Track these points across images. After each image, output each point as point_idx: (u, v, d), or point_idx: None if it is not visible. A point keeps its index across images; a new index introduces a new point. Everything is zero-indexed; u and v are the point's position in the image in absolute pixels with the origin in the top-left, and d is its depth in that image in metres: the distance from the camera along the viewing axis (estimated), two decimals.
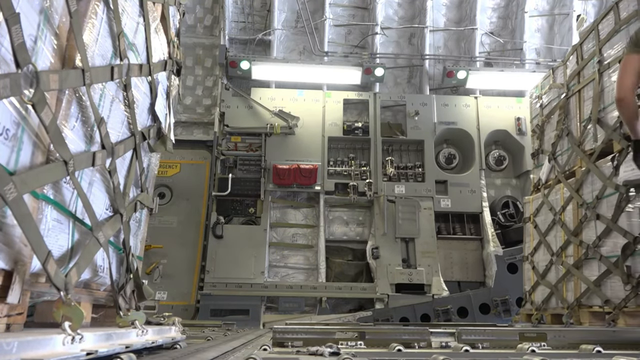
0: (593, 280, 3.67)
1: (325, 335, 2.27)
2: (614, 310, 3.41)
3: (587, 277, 3.77)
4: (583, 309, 3.82)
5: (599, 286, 3.60)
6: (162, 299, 6.48)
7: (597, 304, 3.60)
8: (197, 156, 7.38)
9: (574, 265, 3.95)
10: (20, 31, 1.11)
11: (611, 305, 3.45)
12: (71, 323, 1.24)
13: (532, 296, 4.75)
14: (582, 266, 3.87)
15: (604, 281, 3.57)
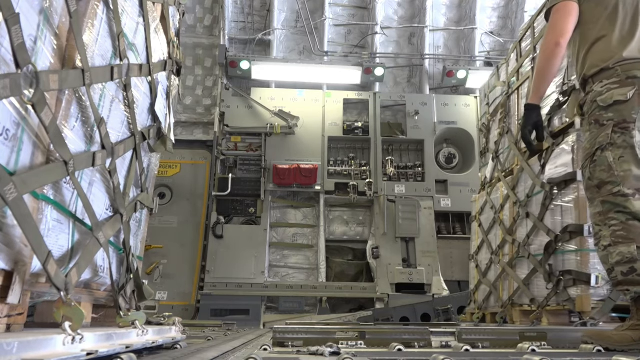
0: (523, 279, 3.67)
1: (326, 335, 2.27)
2: (538, 309, 3.42)
3: (518, 275, 3.78)
4: (515, 308, 3.83)
5: (528, 285, 3.60)
6: (162, 299, 6.48)
7: (527, 302, 3.62)
8: (197, 156, 7.38)
9: (508, 264, 3.96)
10: (20, 31, 1.11)
11: (536, 304, 3.46)
12: (71, 323, 1.24)
13: (476, 295, 4.77)
14: (516, 265, 3.88)
15: (532, 280, 3.58)
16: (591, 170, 2.20)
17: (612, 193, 2.12)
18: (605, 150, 2.15)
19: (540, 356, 1.62)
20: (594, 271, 2.91)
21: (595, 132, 2.20)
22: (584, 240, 2.99)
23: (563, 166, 3.28)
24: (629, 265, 2.04)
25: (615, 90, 2.17)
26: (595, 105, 2.22)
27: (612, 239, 2.10)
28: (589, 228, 2.96)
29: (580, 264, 2.99)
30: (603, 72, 2.26)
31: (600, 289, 2.90)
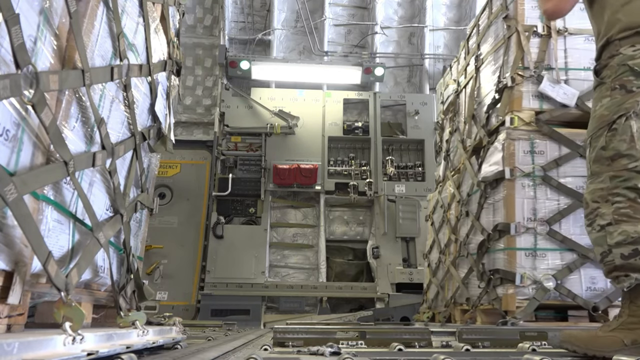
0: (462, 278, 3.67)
1: (326, 335, 2.27)
2: (472, 308, 3.42)
3: (459, 275, 3.78)
4: (457, 307, 3.83)
5: (466, 284, 3.60)
6: (162, 299, 6.48)
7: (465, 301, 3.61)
8: (197, 156, 7.38)
9: (452, 263, 3.96)
10: (20, 32, 1.11)
11: (470, 303, 3.46)
12: (72, 323, 1.24)
13: (427, 294, 4.78)
14: (458, 264, 3.88)
15: (469, 279, 3.58)
16: (607, 139, 1.93)
17: (627, 168, 1.87)
18: (630, 118, 1.91)
19: (540, 356, 1.62)
20: (519, 270, 2.89)
21: (619, 98, 1.94)
22: (511, 239, 2.97)
23: (495, 164, 3.26)
24: (632, 247, 1.77)
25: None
26: (625, 69, 1.96)
27: (615, 217, 1.84)
28: (515, 227, 2.94)
29: (507, 262, 2.96)
30: (635, 36, 2.00)
31: (526, 289, 2.87)
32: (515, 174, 3.03)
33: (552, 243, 2.96)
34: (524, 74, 3.18)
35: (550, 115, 3.11)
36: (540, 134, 3.10)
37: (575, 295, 2.86)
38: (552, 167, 3.05)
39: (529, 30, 3.27)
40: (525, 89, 3.17)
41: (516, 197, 3.02)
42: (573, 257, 2.93)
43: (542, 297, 2.82)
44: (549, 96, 3.11)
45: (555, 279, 2.86)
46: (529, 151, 3.09)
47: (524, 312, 2.81)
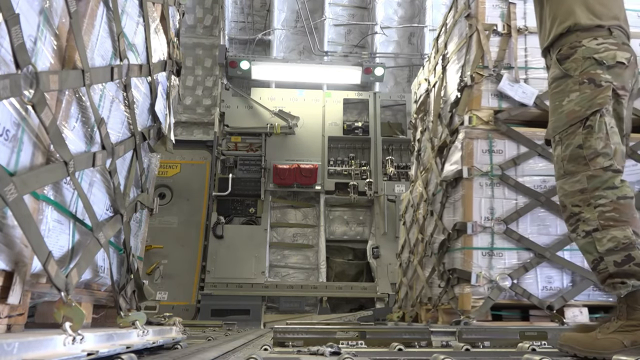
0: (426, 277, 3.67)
1: (326, 335, 2.27)
2: (433, 307, 3.41)
3: (425, 274, 3.79)
4: (422, 307, 3.83)
5: (430, 284, 3.60)
6: (162, 299, 6.48)
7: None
8: (197, 156, 7.38)
9: (419, 263, 3.96)
10: (20, 32, 1.11)
11: (432, 302, 3.46)
12: (72, 323, 1.24)
13: (399, 294, 4.79)
14: (425, 263, 3.88)
15: (433, 278, 3.58)
16: (584, 137, 1.85)
17: (604, 167, 1.81)
18: (604, 115, 1.85)
19: (540, 355, 1.62)
20: (475, 269, 2.88)
21: (589, 93, 1.87)
22: (468, 238, 2.96)
23: (455, 163, 3.27)
24: (624, 253, 1.71)
25: (618, 52, 1.91)
26: (591, 62, 1.91)
27: (600, 222, 1.76)
28: (472, 226, 2.94)
29: (464, 262, 2.96)
30: (597, 29, 1.98)
31: (481, 288, 2.86)
32: (473, 173, 3.02)
33: (508, 242, 2.95)
34: (483, 73, 3.17)
35: (509, 114, 3.09)
36: (498, 133, 3.09)
37: (531, 294, 2.84)
38: (510, 166, 3.03)
39: (489, 29, 3.26)
40: (484, 88, 3.17)
41: (474, 197, 3.02)
42: (529, 257, 2.92)
43: (497, 297, 2.81)
44: (508, 95, 3.10)
45: (510, 278, 2.84)
46: (488, 150, 3.08)
47: (478, 311, 2.79)
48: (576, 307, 2.87)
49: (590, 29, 1.98)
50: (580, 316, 2.85)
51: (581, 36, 1.98)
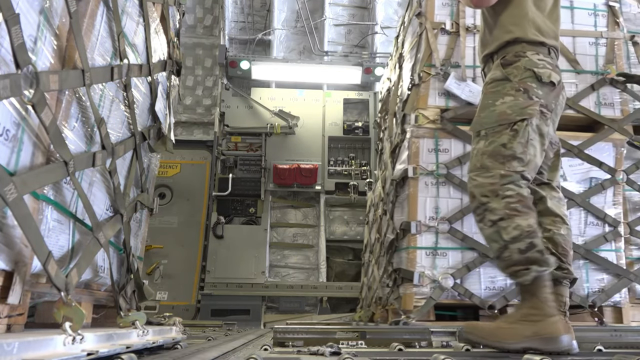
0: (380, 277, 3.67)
1: (326, 335, 2.27)
2: (382, 307, 3.40)
3: (379, 274, 3.77)
4: (378, 307, 3.83)
5: (382, 283, 3.59)
6: (162, 299, 6.48)
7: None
8: (197, 156, 7.38)
9: (375, 262, 3.96)
10: (20, 32, 1.11)
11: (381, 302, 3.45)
12: (72, 323, 1.24)
13: (361, 294, 4.79)
14: (380, 263, 3.87)
15: (384, 278, 3.57)
16: (509, 138, 1.98)
17: (516, 170, 1.94)
18: (529, 124, 1.99)
19: (541, 356, 1.62)
20: (419, 269, 2.86)
21: (521, 101, 2.01)
22: (412, 237, 2.95)
23: (403, 162, 3.26)
24: (528, 241, 1.80)
25: (552, 72, 2.07)
26: (530, 74, 2.04)
27: (506, 211, 1.86)
28: (416, 225, 2.92)
29: (409, 261, 2.94)
30: (540, 46, 2.12)
31: (424, 288, 2.84)
32: (418, 172, 3.00)
33: (453, 242, 2.94)
34: (430, 71, 3.16)
35: (455, 113, 3.08)
36: (445, 132, 3.07)
37: (473, 294, 2.83)
38: (455, 165, 3.02)
39: (437, 28, 3.25)
40: (431, 87, 3.15)
41: (419, 196, 3.00)
42: (473, 256, 2.90)
43: (439, 297, 2.79)
44: (455, 94, 3.09)
45: (453, 278, 2.83)
46: (434, 149, 3.06)
47: (419, 311, 2.77)
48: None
49: (534, 43, 2.12)
50: None
51: (526, 48, 2.11)
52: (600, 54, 3.27)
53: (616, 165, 3.08)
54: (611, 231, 3.00)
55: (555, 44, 2.16)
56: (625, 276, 2.92)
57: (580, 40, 3.29)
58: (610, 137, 3.09)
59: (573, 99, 3.09)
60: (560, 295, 2.01)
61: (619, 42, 3.29)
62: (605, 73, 3.21)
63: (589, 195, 3.02)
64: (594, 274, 2.90)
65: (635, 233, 3.04)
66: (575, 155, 2.98)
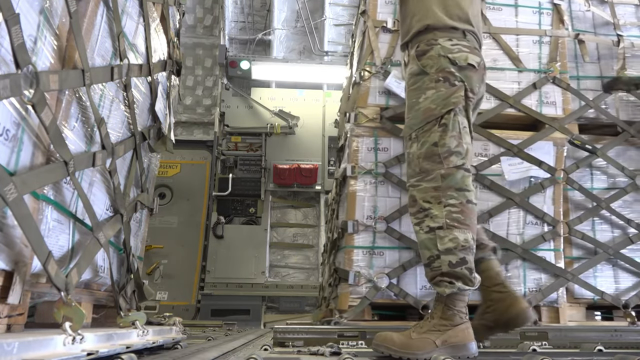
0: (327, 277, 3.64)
1: (326, 335, 2.27)
2: (326, 307, 3.39)
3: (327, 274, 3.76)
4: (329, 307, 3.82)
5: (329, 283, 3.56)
6: (162, 299, 6.48)
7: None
8: (197, 156, 7.38)
9: (327, 262, 3.93)
10: (20, 32, 1.11)
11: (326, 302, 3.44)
12: (72, 323, 1.24)
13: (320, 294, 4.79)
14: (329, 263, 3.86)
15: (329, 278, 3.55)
16: (439, 135, 1.89)
17: (457, 165, 1.86)
18: (457, 114, 1.90)
19: (542, 356, 1.62)
20: (355, 268, 2.82)
21: (444, 92, 1.92)
22: (350, 237, 2.90)
23: (345, 161, 3.25)
24: (461, 255, 1.76)
25: (469, 54, 1.97)
26: (446, 61, 1.95)
27: (447, 221, 1.80)
28: (353, 225, 2.88)
29: (346, 261, 2.91)
30: (452, 31, 2.04)
31: (359, 287, 2.80)
32: (357, 171, 2.96)
33: (390, 241, 2.89)
34: (371, 70, 3.12)
35: (395, 112, 3.02)
36: (384, 131, 3.02)
37: (407, 294, 2.78)
38: (393, 164, 2.97)
39: (379, 26, 3.22)
40: (372, 85, 3.10)
41: (357, 195, 2.96)
42: (410, 256, 2.86)
43: (374, 296, 2.74)
44: (395, 92, 3.05)
45: (389, 278, 2.79)
46: (373, 148, 3.02)
47: (353, 311, 2.73)
48: None
49: (446, 29, 2.04)
50: None
51: (438, 35, 2.03)
52: (544, 53, 3.23)
53: (556, 164, 3.03)
54: (550, 230, 2.95)
55: (469, 27, 2.07)
56: (563, 276, 2.87)
57: (524, 38, 3.24)
58: (551, 136, 3.04)
59: (514, 98, 3.03)
60: (492, 270, 1.98)
61: (563, 41, 3.26)
62: (547, 71, 3.18)
63: (528, 194, 2.97)
64: (531, 273, 2.85)
65: (574, 232, 2.98)
66: (514, 154, 2.95)
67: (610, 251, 3.00)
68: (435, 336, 1.73)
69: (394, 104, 3.07)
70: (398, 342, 1.75)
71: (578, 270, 2.95)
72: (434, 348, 1.70)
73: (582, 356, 1.85)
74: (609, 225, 3.14)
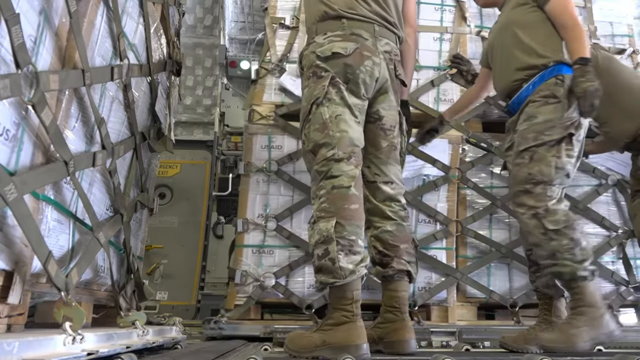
0: None
1: None
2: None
3: None
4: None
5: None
6: (162, 299, 6.48)
7: None
8: (197, 156, 7.38)
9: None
10: (20, 32, 1.11)
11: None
12: (72, 323, 1.24)
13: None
14: None
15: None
16: (306, 132, 1.90)
17: (326, 158, 1.82)
18: (321, 105, 1.87)
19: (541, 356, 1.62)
20: (244, 267, 2.79)
21: (312, 87, 1.92)
22: (240, 236, 2.86)
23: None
24: (324, 247, 1.71)
25: (337, 43, 1.94)
26: (314, 56, 1.96)
27: (317, 214, 1.79)
28: (242, 223, 2.84)
29: (235, 260, 2.89)
30: (330, 22, 2.01)
31: (246, 287, 2.77)
32: (249, 169, 2.93)
33: (280, 240, 2.86)
34: (267, 67, 3.10)
35: (288, 109, 2.99)
36: (278, 129, 2.98)
37: (292, 293, 2.75)
38: (286, 162, 2.93)
39: (276, 23, 3.20)
40: (268, 83, 3.08)
41: (249, 193, 2.92)
42: (299, 255, 2.82)
43: (259, 296, 2.72)
44: (289, 90, 3.02)
45: (275, 277, 2.76)
46: (267, 146, 2.98)
47: (237, 310, 2.72)
48: None
49: (324, 20, 2.04)
50: None
51: (315, 33, 2.05)
52: (444, 50, 3.21)
53: (451, 162, 2.98)
54: (442, 229, 2.90)
55: (348, 12, 2.00)
56: (452, 275, 2.82)
57: (425, 35, 3.21)
58: (446, 134, 2.97)
59: (412, 95, 2.97)
60: (394, 291, 1.93)
61: (464, 38, 3.23)
62: (446, 69, 3.15)
63: (421, 192, 2.92)
64: (422, 272, 2.74)
65: (466, 231, 2.90)
66: (409, 152, 2.92)
67: (503, 250, 2.90)
68: (318, 336, 1.71)
69: (289, 102, 3.03)
70: (294, 341, 1.77)
71: (468, 269, 2.88)
72: (315, 347, 1.68)
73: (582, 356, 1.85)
74: (506, 224, 3.03)
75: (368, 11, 2.04)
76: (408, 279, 1.96)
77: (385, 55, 2.03)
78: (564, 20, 2.19)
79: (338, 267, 1.68)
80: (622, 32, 3.58)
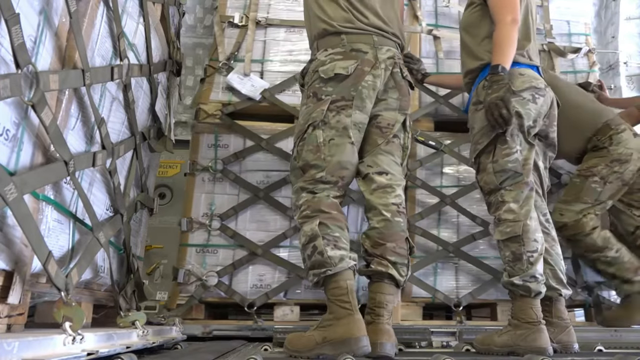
0: None
1: None
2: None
3: None
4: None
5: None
6: (162, 299, 6.48)
7: None
8: None
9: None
10: (20, 32, 1.11)
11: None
12: (72, 323, 1.24)
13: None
14: None
15: None
16: (299, 149, 1.96)
17: (315, 179, 1.88)
18: (317, 128, 1.91)
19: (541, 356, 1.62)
20: (188, 266, 2.76)
21: (311, 107, 1.96)
22: (185, 235, 2.84)
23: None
24: (310, 245, 1.77)
25: (338, 62, 1.95)
26: (316, 76, 1.97)
27: (299, 221, 1.88)
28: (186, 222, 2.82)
29: (179, 259, 2.87)
30: (330, 37, 2.02)
31: (189, 286, 2.73)
32: (195, 168, 2.90)
33: (224, 239, 2.83)
34: (215, 65, 3.08)
35: (235, 108, 2.98)
36: (225, 127, 2.96)
37: (235, 292, 2.72)
38: (231, 161, 2.90)
39: (225, 21, 3.17)
40: (215, 81, 3.06)
41: (195, 192, 2.89)
42: (243, 254, 2.79)
43: (201, 295, 2.69)
44: (236, 88, 3.00)
45: (218, 276, 2.72)
46: (213, 145, 2.95)
47: (180, 309, 2.68)
48: (287, 306, 2.74)
49: (323, 37, 2.06)
50: (290, 315, 2.73)
51: (316, 50, 2.07)
52: None
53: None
54: None
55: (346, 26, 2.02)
56: None
57: None
58: None
59: None
60: (371, 292, 1.91)
61: (415, 37, 3.21)
62: None
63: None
64: None
65: (414, 229, 2.80)
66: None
67: (450, 248, 2.82)
68: (318, 333, 1.71)
69: (236, 101, 3.01)
70: (293, 341, 1.77)
71: (413, 268, 2.76)
72: (316, 346, 1.68)
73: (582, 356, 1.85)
74: (454, 224, 2.96)
75: (365, 24, 2.04)
76: (389, 281, 1.89)
77: (387, 63, 2.03)
78: (496, 16, 2.11)
79: (327, 257, 1.74)
80: (579, 30, 3.57)
